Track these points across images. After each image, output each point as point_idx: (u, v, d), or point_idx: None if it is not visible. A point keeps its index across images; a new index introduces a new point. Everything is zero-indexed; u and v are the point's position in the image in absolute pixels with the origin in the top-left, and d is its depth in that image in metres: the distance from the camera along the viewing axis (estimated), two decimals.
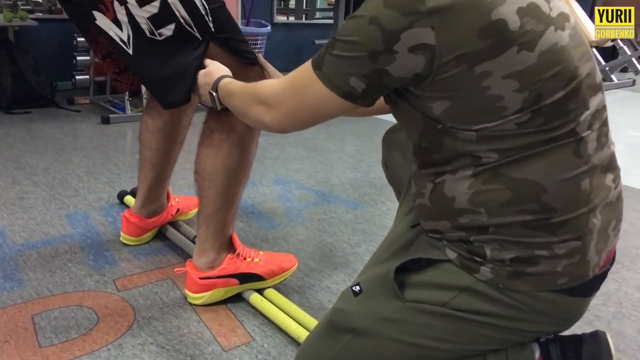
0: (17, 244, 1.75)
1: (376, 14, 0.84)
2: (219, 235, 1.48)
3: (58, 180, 2.31)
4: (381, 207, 2.24)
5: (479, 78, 0.83)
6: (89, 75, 3.66)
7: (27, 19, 3.55)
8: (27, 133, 2.97)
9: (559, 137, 0.86)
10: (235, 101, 1.15)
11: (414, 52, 0.83)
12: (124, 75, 1.60)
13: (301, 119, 0.99)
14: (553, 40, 0.85)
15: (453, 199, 0.92)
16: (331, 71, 0.90)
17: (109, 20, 1.30)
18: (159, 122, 1.69)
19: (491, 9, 0.81)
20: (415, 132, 0.96)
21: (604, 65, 5.48)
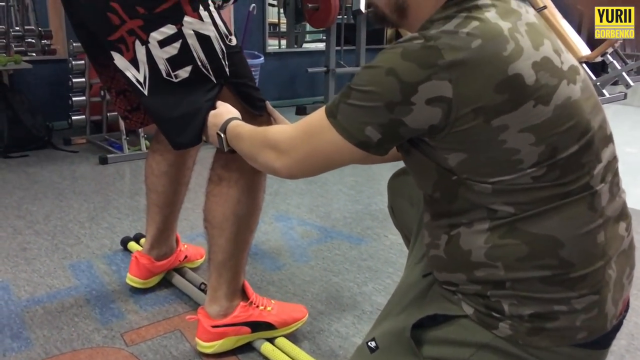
0: (22, 299, 1.74)
1: (394, 66, 0.85)
2: (231, 282, 1.47)
3: (60, 228, 2.30)
4: (384, 241, 2.24)
5: (495, 131, 0.84)
6: (85, 115, 3.66)
7: (22, 62, 3.55)
8: (25, 178, 2.96)
9: (574, 191, 0.87)
10: (244, 144, 1.15)
11: (431, 104, 0.84)
12: (135, 114, 1.60)
13: (312, 166, 1.00)
14: (567, 94, 0.86)
15: (469, 252, 0.92)
16: (346, 120, 0.90)
17: (127, 60, 1.31)
18: (164, 165, 1.69)
19: (508, 63, 0.82)
20: (428, 182, 0.96)
21: (595, 80, 5.53)
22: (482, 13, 0.87)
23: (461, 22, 0.86)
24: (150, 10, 1.23)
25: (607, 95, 5.50)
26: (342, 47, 5.14)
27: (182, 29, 1.25)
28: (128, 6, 1.23)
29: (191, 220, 2.39)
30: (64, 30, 3.99)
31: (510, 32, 0.85)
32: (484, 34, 0.84)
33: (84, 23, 1.36)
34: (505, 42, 0.84)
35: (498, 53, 0.83)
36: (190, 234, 2.26)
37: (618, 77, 5.59)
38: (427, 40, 0.84)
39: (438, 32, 0.85)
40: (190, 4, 1.25)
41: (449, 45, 0.83)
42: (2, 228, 2.29)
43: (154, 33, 1.24)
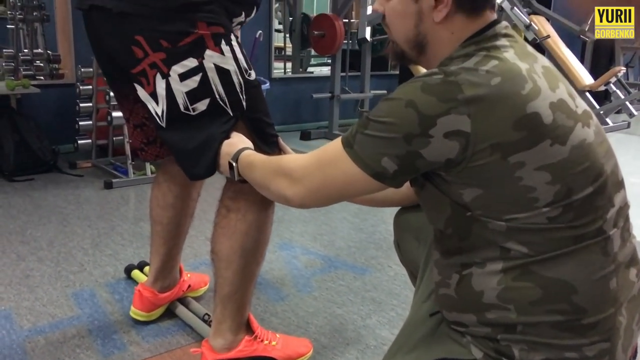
0: (24, 329, 1.73)
1: (413, 98, 0.86)
2: (236, 316, 1.47)
3: (63, 255, 2.30)
4: (389, 271, 2.23)
5: (512, 168, 0.85)
6: (91, 139, 3.68)
7: (30, 87, 3.59)
8: (30, 202, 2.97)
9: (588, 234, 0.87)
10: (257, 173, 1.15)
11: (449, 138, 0.85)
12: (151, 147, 1.61)
13: (325, 196, 1.00)
14: (582, 137, 0.88)
15: (481, 292, 0.92)
16: (363, 150, 0.91)
17: (147, 93, 1.33)
18: (170, 197, 1.70)
19: (526, 102, 0.84)
20: (441, 217, 0.96)
21: (599, 109, 5.55)
22: (501, 53, 0.89)
23: (481, 60, 0.88)
24: (174, 43, 1.25)
25: (611, 124, 5.52)
26: (347, 73, 5.17)
27: (204, 62, 1.27)
28: (152, 39, 1.25)
29: (194, 247, 2.38)
30: (72, 55, 4.03)
31: (528, 73, 0.87)
32: (503, 73, 0.86)
33: (109, 54, 1.38)
34: (523, 82, 0.86)
35: (517, 91, 0.85)
36: (194, 262, 2.25)
37: (621, 106, 5.61)
38: (447, 76, 0.86)
39: (458, 68, 0.87)
40: (213, 39, 1.27)
41: (469, 81, 0.84)
42: (6, 254, 2.29)
43: (175, 66, 1.26)
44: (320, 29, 4.68)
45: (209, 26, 1.26)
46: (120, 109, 1.59)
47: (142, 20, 1.25)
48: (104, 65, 1.48)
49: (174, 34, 1.25)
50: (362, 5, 3.99)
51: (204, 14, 1.26)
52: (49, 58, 4.16)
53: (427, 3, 0.94)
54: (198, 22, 1.25)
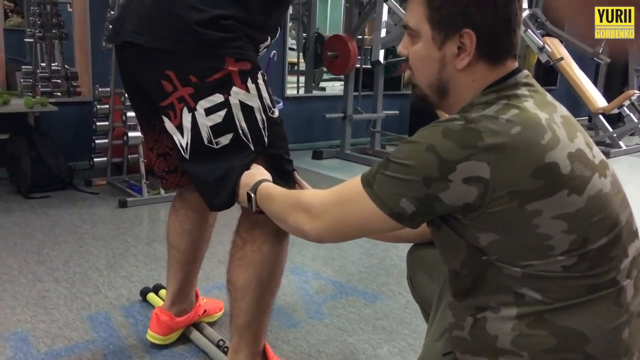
0: (40, 352, 1.76)
1: (434, 143, 0.88)
2: (252, 345, 1.49)
3: (79, 276, 2.33)
4: (400, 299, 2.24)
5: (529, 216, 0.87)
6: (106, 157, 3.73)
7: (48, 105, 3.65)
8: (46, 221, 3.02)
9: (602, 285, 0.89)
10: (275, 205, 1.17)
11: (468, 183, 0.87)
12: (172, 175, 1.65)
13: (342, 232, 1.02)
14: (599, 187, 0.90)
15: (495, 337, 0.93)
16: (382, 190, 0.93)
17: (174, 126, 1.37)
18: (187, 224, 1.73)
19: (545, 152, 0.86)
20: (456, 259, 0.98)
21: (612, 131, 5.54)
22: (521, 102, 0.91)
23: (501, 109, 0.90)
24: (202, 79, 1.30)
25: (624, 147, 5.51)
26: (360, 93, 5.21)
27: (229, 98, 1.31)
28: (182, 74, 1.30)
29: (207, 271, 2.41)
30: (89, 73, 4.10)
31: (548, 122, 0.89)
32: (523, 122, 0.88)
33: (139, 86, 1.43)
34: (543, 132, 0.88)
35: (536, 141, 0.87)
36: (207, 285, 2.28)
37: (634, 129, 5.60)
38: (468, 122, 0.88)
39: (479, 115, 0.89)
40: (240, 76, 1.31)
41: (489, 129, 0.86)
42: (22, 274, 2.33)
43: (202, 101, 1.30)
44: (334, 50, 4.73)
45: (237, 62, 1.31)
46: (145, 139, 1.63)
47: (172, 56, 1.30)
48: (133, 97, 1.54)
49: (203, 70, 1.29)
50: (376, 28, 4.03)
51: (233, 50, 1.30)
52: (67, 75, 4.23)
53: (450, 51, 0.97)
54: (227, 58, 1.30)
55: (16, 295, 2.14)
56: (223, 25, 1.29)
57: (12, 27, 5.06)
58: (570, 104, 6.59)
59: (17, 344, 1.80)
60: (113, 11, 3.51)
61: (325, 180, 4.18)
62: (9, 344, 1.79)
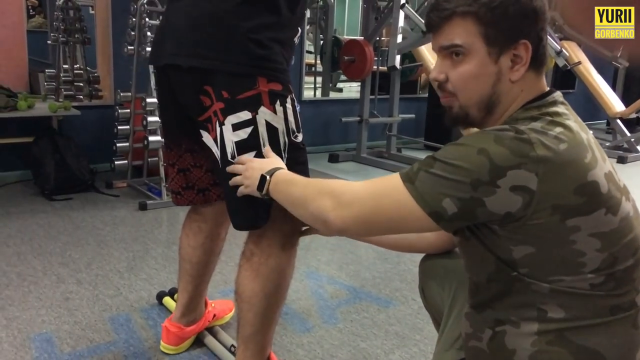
0: (64, 353, 1.83)
1: (486, 147, 0.89)
2: (257, 355, 1.53)
3: (100, 278, 2.41)
4: (412, 305, 2.28)
5: (568, 231, 0.89)
6: (127, 160, 3.81)
7: (71, 109, 3.75)
8: (69, 223, 3.10)
9: (623, 305, 0.92)
10: (297, 189, 1.14)
11: (515, 192, 0.87)
12: (188, 192, 1.69)
13: (370, 225, 0.99)
14: (627, 209, 0.93)
15: (514, 351, 0.96)
16: (425, 187, 0.92)
17: (212, 139, 1.43)
18: (200, 237, 1.77)
19: (588, 170, 0.89)
20: (482, 272, 1.00)
21: (629, 136, 5.51)
22: (564, 120, 0.93)
23: (547, 125, 0.92)
24: (233, 95, 1.35)
25: None
26: (376, 96, 5.24)
27: (257, 117, 1.36)
28: (217, 89, 1.36)
29: (224, 274, 2.47)
30: (111, 77, 4.19)
31: (588, 142, 0.92)
32: (570, 140, 0.90)
33: (179, 104, 1.48)
34: (585, 151, 0.90)
35: (580, 159, 0.89)
36: (224, 288, 2.34)
37: None
38: (518, 133, 0.89)
39: (527, 128, 0.90)
40: (269, 97, 1.36)
41: (541, 142, 0.88)
42: (47, 276, 2.41)
43: (230, 116, 1.36)
44: (351, 54, 4.77)
45: (269, 82, 1.36)
46: (168, 155, 1.66)
47: (209, 73, 1.36)
48: (170, 116, 1.59)
49: (235, 87, 1.35)
50: (392, 34, 4.06)
51: (266, 70, 1.36)
52: (89, 79, 4.33)
53: (506, 63, 0.97)
54: (259, 78, 1.35)
55: (40, 296, 2.21)
56: (257, 40, 1.34)
57: (35, 27, 5.18)
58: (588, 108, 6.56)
59: (41, 344, 1.87)
60: (135, 17, 3.59)
61: None
62: (34, 345, 1.87)
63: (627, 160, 5.25)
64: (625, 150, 5.46)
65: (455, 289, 1.29)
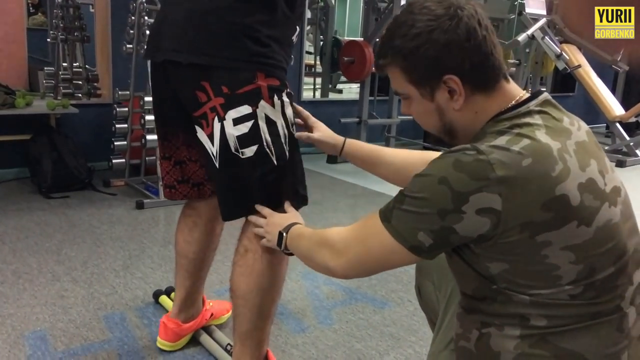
0: (58, 350, 1.82)
1: (446, 175, 0.90)
2: (254, 352, 1.53)
3: (96, 276, 2.40)
4: (408, 306, 2.28)
5: (539, 246, 0.89)
6: (125, 158, 3.81)
7: (69, 107, 3.74)
8: (65, 221, 3.10)
9: (605, 311, 0.92)
10: (303, 244, 1.22)
11: (481, 215, 0.88)
12: (183, 185, 1.69)
13: (365, 267, 1.06)
14: (607, 217, 0.91)
15: (498, 353, 0.96)
16: (400, 225, 0.95)
17: (206, 135, 1.43)
18: (196, 233, 1.77)
19: (556, 184, 0.88)
20: (468, 285, 1.01)
21: (629, 140, 5.51)
22: (533, 132, 0.92)
23: (512, 139, 0.91)
24: (233, 90, 1.36)
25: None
26: (375, 97, 5.24)
27: (257, 111, 1.37)
28: (216, 85, 1.36)
29: (220, 274, 2.46)
30: (110, 75, 4.19)
31: (559, 153, 0.90)
32: (534, 153, 0.88)
33: (175, 99, 1.49)
34: (554, 163, 0.89)
35: (547, 173, 0.88)
36: (219, 288, 2.33)
37: None
38: (479, 153, 0.89)
39: (489, 146, 0.90)
40: (268, 91, 1.38)
41: (500, 162, 0.87)
42: (42, 273, 2.40)
43: (231, 111, 1.37)
44: (350, 55, 4.77)
45: (267, 77, 1.38)
46: (164, 147, 1.65)
47: (208, 69, 1.37)
48: (165, 110, 1.59)
49: (235, 82, 1.36)
50: None
51: (264, 66, 1.37)
52: (88, 77, 4.32)
53: (443, 97, 1.00)
54: (258, 73, 1.36)
55: (36, 294, 2.21)
56: (255, 37, 1.35)
57: (35, 25, 5.17)
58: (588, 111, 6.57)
59: (35, 342, 1.87)
60: (134, 16, 3.59)
61: (339, 185, 4.22)
62: (27, 343, 1.86)
63: (625, 164, 5.25)
64: (624, 154, 5.46)
65: (451, 290, 1.29)
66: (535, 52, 5.86)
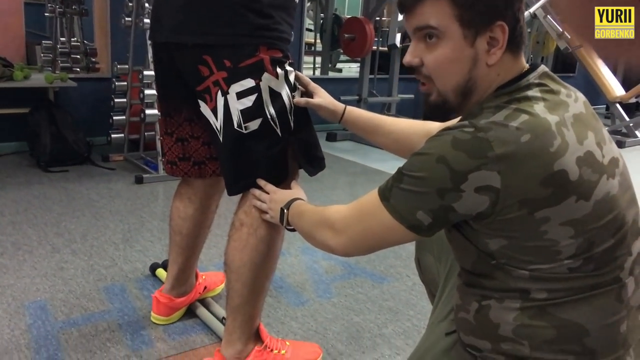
0: (58, 320, 1.83)
1: (444, 154, 0.88)
2: (246, 326, 1.53)
3: (95, 249, 2.41)
4: (407, 281, 2.29)
5: (538, 223, 0.88)
6: (123, 133, 3.79)
7: (67, 80, 3.71)
8: (64, 194, 3.09)
9: (605, 282, 0.91)
10: (304, 222, 1.22)
11: (480, 192, 0.87)
12: (184, 163, 1.68)
13: (365, 245, 1.05)
14: (606, 190, 0.90)
15: (498, 325, 0.96)
16: (399, 204, 0.94)
17: (210, 109, 1.42)
18: (190, 209, 1.77)
19: (554, 159, 0.86)
20: (467, 260, 1.01)
21: (628, 121, 5.50)
22: (532, 106, 0.90)
23: (510, 114, 0.89)
24: (236, 64, 1.35)
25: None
26: (376, 76, 5.21)
27: (260, 84, 1.36)
28: (218, 58, 1.35)
29: (220, 248, 2.46)
30: (108, 49, 4.15)
31: (558, 127, 0.88)
32: (533, 129, 0.87)
33: (178, 74, 1.47)
34: (552, 138, 0.87)
35: (545, 149, 0.86)
36: (219, 262, 2.33)
37: None
38: (477, 131, 0.87)
39: (488, 122, 0.88)
40: (271, 64, 1.36)
41: (499, 139, 0.86)
42: (42, 245, 2.41)
43: (234, 85, 1.36)
44: (351, 32, 4.73)
45: (269, 50, 1.36)
46: (167, 123, 1.64)
47: (211, 46, 1.36)
48: (168, 86, 1.58)
49: (238, 56, 1.35)
50: (394, 12, 4.02)
51: (267, 39, 1.36)
52: (86, 51, 4.29)
53: (482, 46, 0.94)
54: (260, 47, 1.35)
55: (35, 265, 2.21)
56: (257, 9, 1.33)
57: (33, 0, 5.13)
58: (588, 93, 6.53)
59: (35, 312, 1.87)
60: None
61: (339, 163, 4.21)
62: (28, 312, 1.87)
63: (625, 145, 5.25)
64: (623, 135, 5.46)
65: (451, 262, 1.29)
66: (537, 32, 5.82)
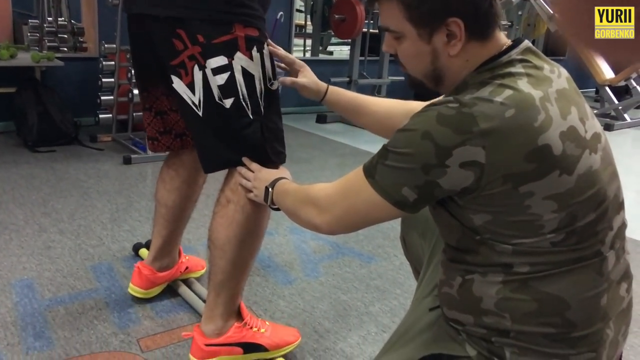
0: (45, 298, 1.83)
1: (429, 129, 0.89)
2: (227, 303, 1.53)
3: (83, 228, 2.40)
4: (394, 260, 2.30)
5: (522, 197, 0.88)
6: (111, 114, 3.76)
7: (54, 59, 3.67)
8: (52, 174, 3.07)
9: (586, 256, 0.92)
10: (289, 200, 1.22)
11: (464, 168, 0.88)
12: (165, 137, 1.68)
13: (350, 223, 1.05)
14: (588, 164, 0.91)
15: (480, 298, 0.97)
16: (384, 180, 0.95)
17: (185, 84, 1.39)
18: (177, 181, 1.77)
19: (538, 134, 0.87)
20: (452, 237, 1.01)
21: (618, 104, 5.52)
22: (515, 82, 0.90)
23: (495, 90, 0.89)
24: (208, 40, 1.33)
25: (629, 120, 5.50)
26: (366, 57, 5.19)
27: (233, 62, 1.34)
28: (191, 33, 1.33)
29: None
30: (96, 29, 4.10)
31: (541, 102, 0.89)
32: (517, 104, 0.87)
33: (152, 48, 1.46)
34: (536, 113, 0.87)
35: (529, 123, 0.87)
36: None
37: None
38: (462, 106, 0.88)
39: (472, 98, 0.89)
40: (246, 43, 1.34)
41: (483, 114, 0.86)
42: (29, 225, 2.39)
43: (210, 60, 1.34)
44: (341, 13, 4.70)
45: (245, 27, 1.34)
46: (143, 100, 1.64)
47: (185, 20, 1.33)
48: (144, 60, 1.56)
49: (211, 32, 1.32)
50: None
51: (242, 16, 1.34)
52: (73, 30, 4.23)
53: (440, 40, 0.96)
54: (235, 24, 1.33)
55: (22, 244, 2.21)
56: None
57: None
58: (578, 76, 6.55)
59: (22, 290, 1.87)
60: None
61: (328, 144, 4.21)
62: (14, 290, 1.86)
63: (613, 128, 5.28)
64: (612, 118, 5.48)
65: (436, 239, 1.30)
66: (528, 14, 5.81)
